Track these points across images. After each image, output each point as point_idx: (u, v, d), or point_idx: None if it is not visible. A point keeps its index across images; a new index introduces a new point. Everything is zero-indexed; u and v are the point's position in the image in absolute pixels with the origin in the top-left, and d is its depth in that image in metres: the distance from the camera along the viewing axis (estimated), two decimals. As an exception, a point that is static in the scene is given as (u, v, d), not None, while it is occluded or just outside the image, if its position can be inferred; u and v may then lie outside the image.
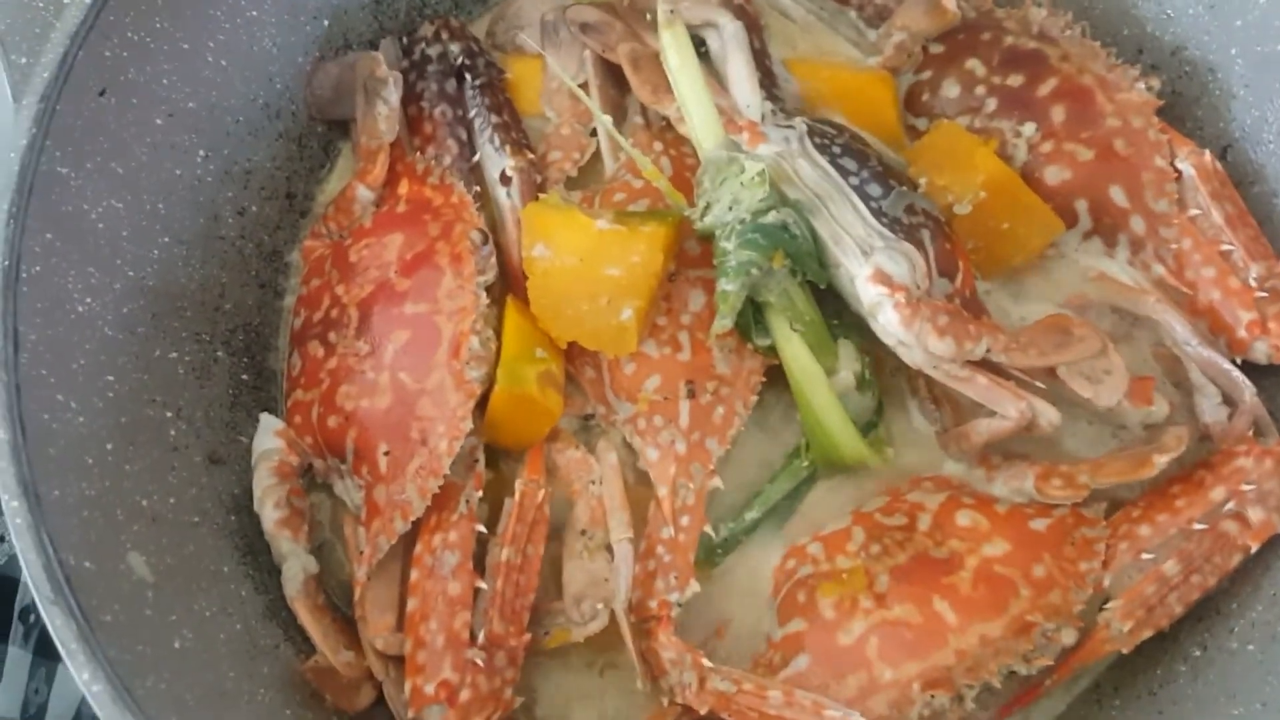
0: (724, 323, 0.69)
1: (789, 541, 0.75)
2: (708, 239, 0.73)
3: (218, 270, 0.78)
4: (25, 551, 0.56)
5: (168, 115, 0.73)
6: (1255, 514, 0.69)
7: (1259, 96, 0.76)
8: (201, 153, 0.76)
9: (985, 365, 0.70)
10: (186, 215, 0.75)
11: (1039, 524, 0.71)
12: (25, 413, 0.59)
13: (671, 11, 0.74)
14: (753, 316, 0.72)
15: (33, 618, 0.82)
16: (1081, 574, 0.69)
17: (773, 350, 0.73)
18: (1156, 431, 0.74)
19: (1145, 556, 0.70)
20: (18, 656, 0.81)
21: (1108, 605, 0.69)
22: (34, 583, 0.56)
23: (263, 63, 0.80)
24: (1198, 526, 0.70)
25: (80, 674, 0.54)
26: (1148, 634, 0.70)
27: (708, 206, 0.72)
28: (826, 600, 0.70)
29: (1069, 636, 0.68)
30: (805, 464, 0.75)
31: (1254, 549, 0.69)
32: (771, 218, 0.70)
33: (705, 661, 0.68)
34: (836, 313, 0.74)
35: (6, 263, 0.61)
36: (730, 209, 0.70)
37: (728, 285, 0.69)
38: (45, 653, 0.82)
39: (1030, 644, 0.67)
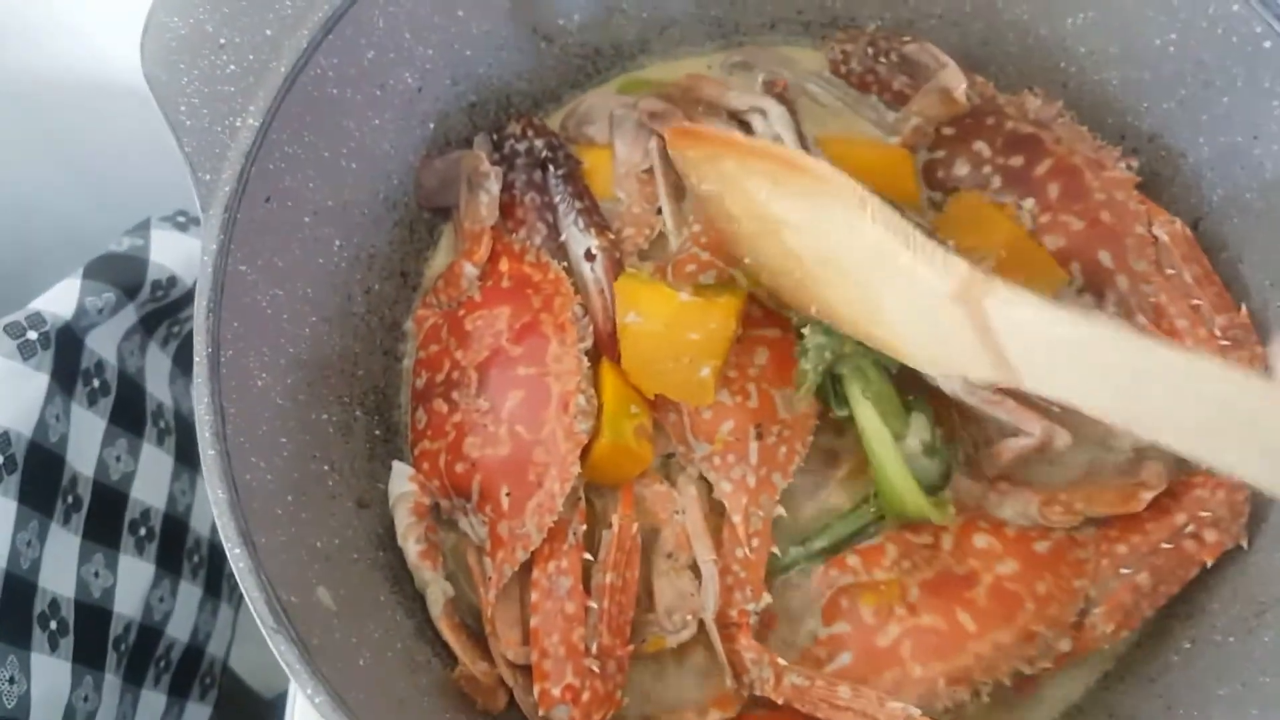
0: (802, 400, 0.82)
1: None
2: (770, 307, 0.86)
3: (351, 341, 0.90)
4: (249, 590, 0.69)
5: (313, 213, 0.86)
6: (1210, 535, 0.82)
7: (1222, 178, 0.89)
8: (337, 243, 0.89)
9: (1009, 392, 0.82)
10: (327, 297, 0.88)
11: (1041, 546, 0.83)
12: (235, 475, 0.72)
13: None
14: (832, 388, 0.84)
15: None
16: (1075, 590, 0.82)
17: (851, 419, 0.84)
18: (1141, 452, 0.86)
19: (1124, 571, 0.82)
20: None
21: (1093, 610, 0.82)
22: (258, 615, 0.68)
23: (383, 163, 0.93)
24: (1164, 546, 0.82)
25: (305, 688, 0.66)
26: (1124, 634, 0.83)
27: None
28: (867, 608, 0.82)
29: (1065, 645, 0.81)
30: (873, 509, 0.86)
31: (1209, 564, 0.82)
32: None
33: (780, 661, 0.80)
34: (910, 390, 0.84)
35: (210, 350, 0.74)
36: (803, 301, 0.83)
37: (805, 365, 0.82)
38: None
39: (1034, 650, 0.79)
